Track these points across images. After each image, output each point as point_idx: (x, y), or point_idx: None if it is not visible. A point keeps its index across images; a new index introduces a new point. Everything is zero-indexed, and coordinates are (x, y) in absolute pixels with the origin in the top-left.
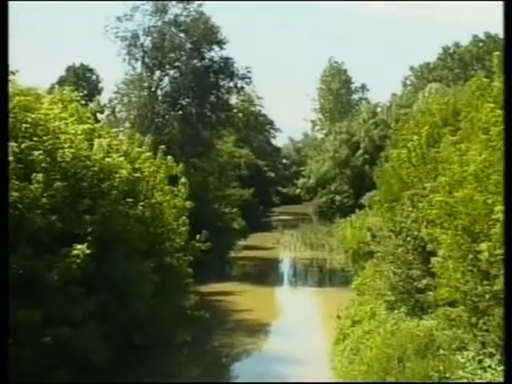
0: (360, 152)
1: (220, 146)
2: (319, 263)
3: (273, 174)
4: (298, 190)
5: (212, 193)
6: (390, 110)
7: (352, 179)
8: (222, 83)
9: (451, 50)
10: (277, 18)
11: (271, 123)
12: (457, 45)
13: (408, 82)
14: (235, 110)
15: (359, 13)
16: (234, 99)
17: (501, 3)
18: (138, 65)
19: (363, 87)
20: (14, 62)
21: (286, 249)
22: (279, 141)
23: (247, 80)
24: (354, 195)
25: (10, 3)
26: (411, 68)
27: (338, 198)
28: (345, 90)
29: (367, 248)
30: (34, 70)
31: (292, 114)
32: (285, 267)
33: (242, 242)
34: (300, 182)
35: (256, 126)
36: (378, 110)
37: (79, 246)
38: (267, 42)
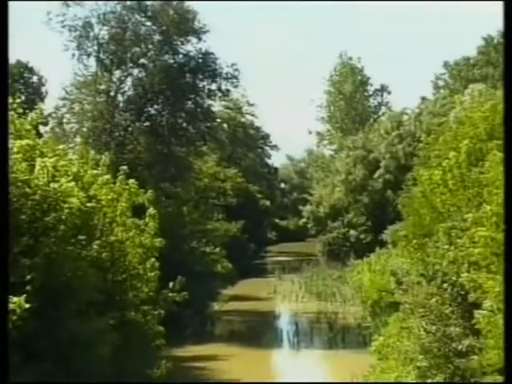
0: (380, 173)
1: (199, 167)
2: (329, 318)
3: (268, 203)
4: (304, 221)
5: (189, 227)
6: (420, 119)
7: (370, 208)
8: (200, 85)
9: (495, 41)
10: (276, 12)
11: (265, 137)
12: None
13: (441, 83)
14: (218, 120)
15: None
16: (216, 106)
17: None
18: (92, 62)
19: (383, 89)
20: None
21: (286, 299)
22: (276, 160)
23: (234, 81)
24: (372, 229)
25: (10, 3)
26: (445, 65)
27: (352, 232)
28: (360, 94)
29: (391, 298)
30: None
31: (292, 125)
32: (284, 324)
33: (228, 291)
34: (307, 209)
35: (246, 141)
36: (404, 118)
37: (15, 299)
38: (261, 38)
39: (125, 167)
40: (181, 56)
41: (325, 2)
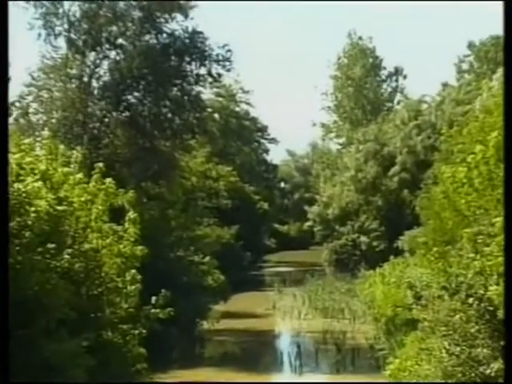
0: (395, 170)
1: (186, 163)
2: (336, 338)
3: (266, 205)
4: (309, 224)
5: (175, 233)
6: (441, 108)
7: (384, 211)
8: (187, 69)
9: None
10: None
11: (263, 129)
12: None
13: (465, 66)
14: (209, 110)
15: None
16: (206, 93)
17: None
18: (62, 43)
19: (398, 72)
20: None
21: (287, 316)
22: (275, 155)
23: (226, 64)
24: (387, 235)
25: (10, 3)
26: (470, 45)
27: (363, 238)
28: (372, 79)
29: (408, 315)
30: None
31: (293, 115)
32: (285, 344)
33: (220, 307)
34: (314, 210)
35: (240, 134)
36: (423, 107)
37: None
38: (259, 21)
39: (100, 164)
40: (164, 36)
41: None
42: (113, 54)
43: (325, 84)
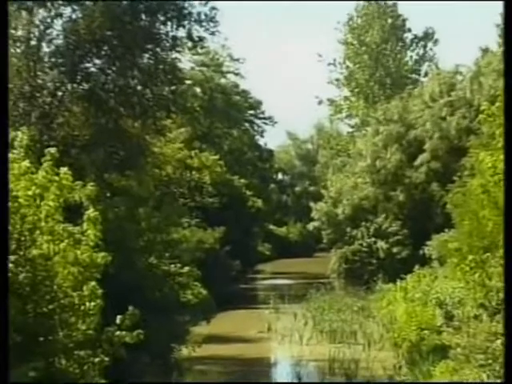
0: (423, 158)
1: (160, 149)
2: (346, 368)
3: (260, 202)
4: (315, 224)
5: (145, 236)
6: (478, 80)
7: (408, 209)
8: (162, 31)
9: None
10: None
11: (256, 106)
12: None
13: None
14: (188, 82)
15: None
16: (185, 61)
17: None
18: None
19: (426, 36)
20: None
21: (285, 341)
22: (271, 139)
23: (210, 25)
24: (410, 239)
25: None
26: None
27: (381, 244)
28: (392, 44)
29: (436, 339)
30: None
31: (294, 89)
32: (283, 375)
33: (201, 329)
34: (319, 208)
35: (228, 112)
36: (458, 79)
37: None
38: None
39: (53, 149)
40: None
41: None
42: (68, 11)
43: (334, 50)
